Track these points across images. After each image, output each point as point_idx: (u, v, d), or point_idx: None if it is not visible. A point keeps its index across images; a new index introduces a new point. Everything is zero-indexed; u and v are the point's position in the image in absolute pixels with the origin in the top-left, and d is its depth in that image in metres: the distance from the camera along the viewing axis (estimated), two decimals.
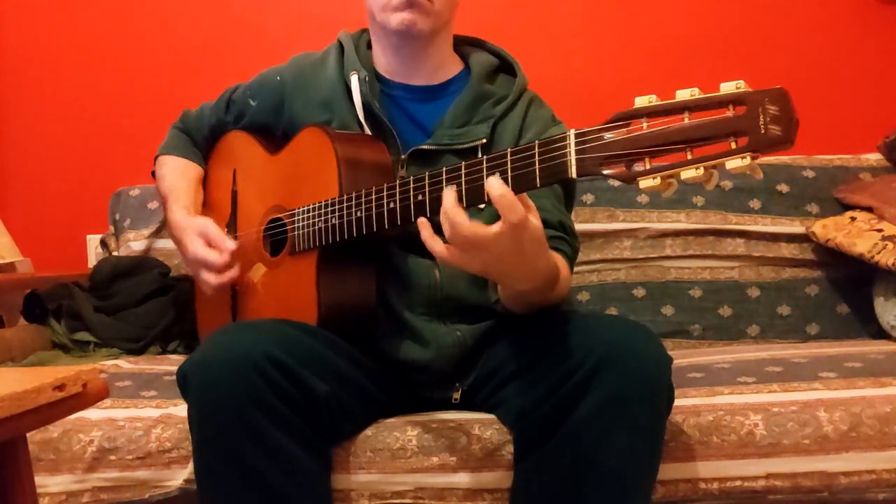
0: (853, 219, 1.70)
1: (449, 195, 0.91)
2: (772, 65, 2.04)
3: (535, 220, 0.89)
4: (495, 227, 0.87)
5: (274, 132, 1.33)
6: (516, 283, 0.99)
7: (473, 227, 0.88)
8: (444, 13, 1.22)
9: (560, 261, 1.10)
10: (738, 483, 1.13)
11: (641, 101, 0.79)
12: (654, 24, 2.06)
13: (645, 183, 0.78)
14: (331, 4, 2.06)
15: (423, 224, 0.93)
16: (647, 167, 0.79)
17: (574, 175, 0.84)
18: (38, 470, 1.12)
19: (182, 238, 1.28)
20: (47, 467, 1.15)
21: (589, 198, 1.78)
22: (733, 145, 0.74)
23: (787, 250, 1.77)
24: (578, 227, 1.26)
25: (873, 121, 1.95)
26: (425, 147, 1.21)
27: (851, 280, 1.73)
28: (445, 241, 0.92)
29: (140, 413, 1.20)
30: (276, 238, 1.25)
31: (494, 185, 0.86)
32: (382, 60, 1.29)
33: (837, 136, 1.91)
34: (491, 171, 0.90)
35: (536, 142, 0.87)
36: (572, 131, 0.84)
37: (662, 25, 2.06)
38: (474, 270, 0.94)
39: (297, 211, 1.18)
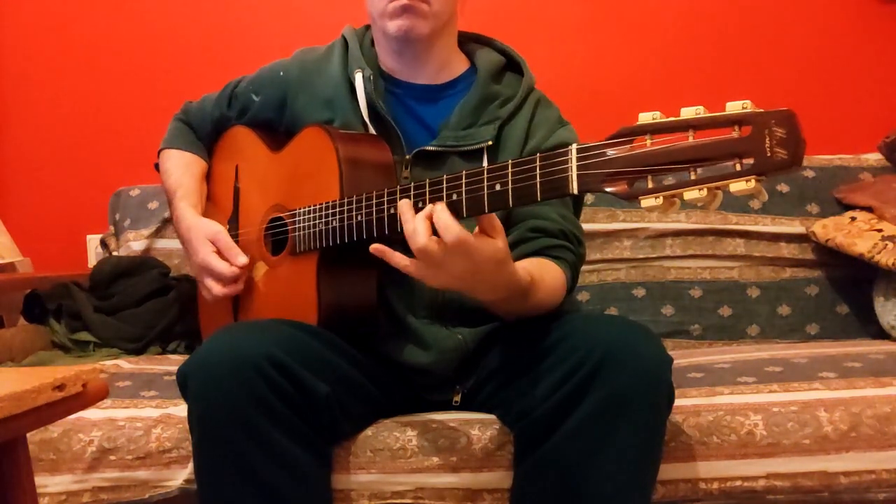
0: (853, 219, 1.70)
1: (427, 210, 0.93)
2: (772, 65, 2.04)
3: (486, 242, 0.92)
4: (441, 245, 0.91)
5: (277, 128, 1.33)
6: (477, 295, 1.01)
7: (431, 243, 0.91)
8: (443, 13, 1.21)
9: (546, 271, 1.10)
10: (738, 483, 1.13)
11: (645, 118, 0.79)
12: (654, 24, 2.06)
13: (647, 202, 0.78)
14: (332, 0, 2.06)
15: (380, 249, 0.97)
16: (650, 186, 0.78)
17: (575, 191, 0.84)
18: (38, 470, 1.12)
19: (191, 240, 1.28)
20: (47, 467, 1.15)
21: (589, 197, 1.78)
22: (738, 167, 0.73)
23: (787, 250, 1.77)
24: None
25: (873, 121, 1.96)
26: (430, 148, 1.20)
27: (851, 280, 1.73)
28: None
29: (140, 413, 1.20)
30: (277, 237, 1.25)
31: (437, 209, 0.92)
32: (386, 60, 1.29)
33: (837, 136, 1.91)
34: (491, 183, 0.91)
35: (538, 154, 0.87)
36: (574, 146, 0.84)
37: (663, 25, 2.06)
38: (433, 283, 0.96)
39: (297, 211, 1.18)
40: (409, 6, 1.17)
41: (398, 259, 0.96)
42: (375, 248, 0.97)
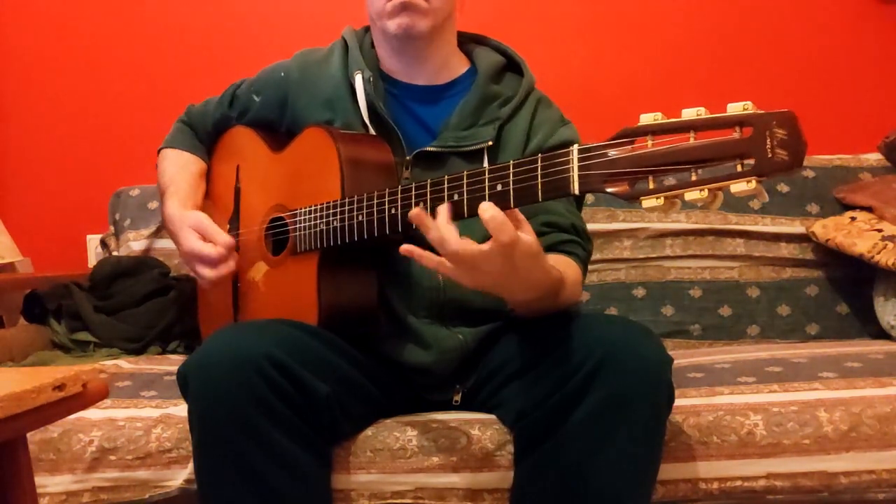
0: (853, 219, 1.70)
1: (443, 213, 0.91)
2: (772, 65, 2.04)
3: (526, 236, 0.89)
4: (485, 246, 0.87)
5: (277, 128, 1.33)
6: (513, 295, 1.00)
7: (463, 245, 0.88)
8: (442, 10, 1.21)
9: (567, 266, 1.10)
10: (738, 483, 1.13)
11: (647, 119, 0.79)
12: (654, 25, 2.06)
13: (648, 203, 0.78)
14: (332, 1, 2.06)
15: (409, 250, 0.92)
16: (651, 186, 0.78)
17: (576, 191, 0.84)
18: (38, 470, 1.12)
19: (177, 232, 1.28)
20: (47, 467, 1.15)
21: (589, 197, 1.78)
22: (739, 168, 0.73)
23: (787, 250, 1.77)
24: None
25: (873, 121, 1.96)
26: (430, 149, 1.20)
27: (851, 280, 1.73)
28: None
29: (140, 413, 1.20)
30: (278, 237, 1.25)
31: (485, 208, 0.87)
32: (386, 60, 1.29)
33: (837, 136, 1.91)
34: (492, 184, 0.90)
35: (539, 155, 0.87)
36: (576, 146, 0.84)
37: (663, 26, 2.06)
38: (467, 284, 0.93)
39: (298, 211, 1.18)
40: (407, 3, 1.17)
41: (428, 260, 0.91)
42: (405, 249, 0.92)
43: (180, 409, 1.18)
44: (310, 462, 1.02)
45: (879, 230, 1.63)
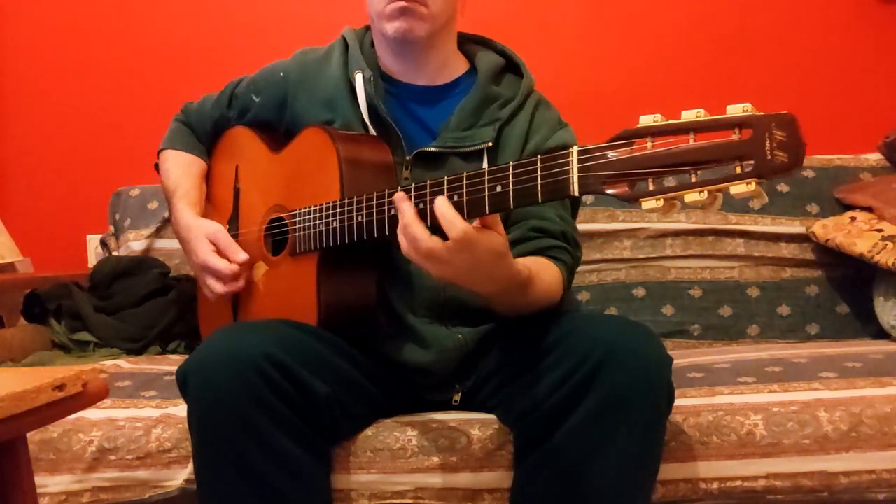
0: (853, 219, 1.70)
1: (408, 210, 0.94)
2: (772, 65, 2.04)
3: (492, 235, 0.92)
4: (446, 243, 0.91)
5: (277, 128, 1.33)
6: (474, 287, 1.01)
7: (431, 243, 0.91)
8: (442, 15, 1.21)
9: (544, 267, 1.10)
10: (738, 483, 1.13)
11: (646, 120, 0.79)
12: (654, 26, 2.06)
13: (647, 204, 0.78)
14: (332, 1, 2.06)
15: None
16: (651, 188, 0.78)
17: (576, 192, 0.84)
18: (38, 470, 1.12)
19: (190, 240, 1.28)
20: (47, 467, 1.15)
21: (589, 197, 1.78)
22: (739, 169, 0.73)
23: (787, 250, 1.77)
24: (578, 226, 1.26)
25: (873, 121, 1.96)
26: (430, 149, 1.20)
27: (851, 280, 1.73)
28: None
29: (140, 413, 1.20)
30: (278, 238, 1.25)
31: (438, 203, 0.92)
32: (386, 61, 1.29)
33: (837, 136, 1.91)
34: (492, 185, 0.91)
35: (539, 156, 0.87)
36: (575, 148, 0.84)
37: (662, 27, 2.06)
38: (437, 276, 0.96)
39: (297, 212, 1.18)
40: (406, 8, 1.17)
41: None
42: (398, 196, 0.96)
43: (180, 409, 1.18)
44: (310, 462, 1.02)
45: (879, 230, 1.63)
